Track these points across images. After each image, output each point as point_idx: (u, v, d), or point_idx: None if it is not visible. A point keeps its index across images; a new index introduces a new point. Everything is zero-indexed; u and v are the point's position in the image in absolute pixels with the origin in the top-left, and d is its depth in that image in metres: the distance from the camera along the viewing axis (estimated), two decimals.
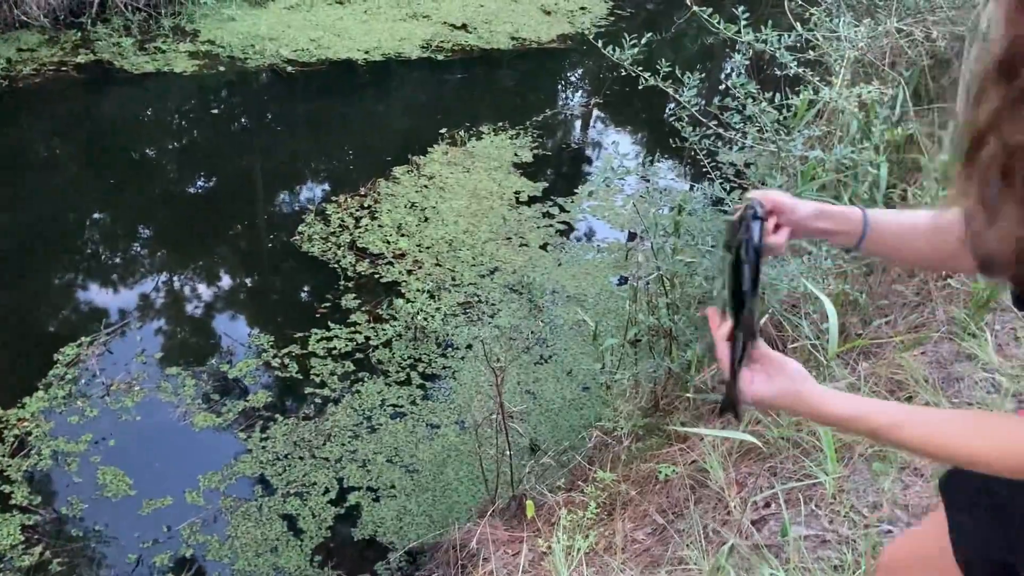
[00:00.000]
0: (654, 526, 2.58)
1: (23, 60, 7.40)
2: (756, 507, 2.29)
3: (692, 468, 2.67)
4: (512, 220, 5.93)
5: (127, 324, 4.75)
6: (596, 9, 9.91)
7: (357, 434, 4.10)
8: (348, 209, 5.91)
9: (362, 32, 8.56)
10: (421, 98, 8.00)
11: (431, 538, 3.57)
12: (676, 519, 2.49)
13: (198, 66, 7.66)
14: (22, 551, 3.43)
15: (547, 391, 4.45)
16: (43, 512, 3.61)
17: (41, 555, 3.43)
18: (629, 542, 2.59)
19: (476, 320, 4.93)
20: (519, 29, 9.07)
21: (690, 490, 2.60)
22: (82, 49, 7.67)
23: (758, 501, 2.30)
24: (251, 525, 3.63)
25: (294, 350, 4.59)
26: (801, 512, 2.18)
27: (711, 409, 3.14)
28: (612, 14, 9.85)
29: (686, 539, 2.31)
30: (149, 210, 5.97)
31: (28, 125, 6.84)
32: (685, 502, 2.52)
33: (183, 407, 4.18)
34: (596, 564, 2.51)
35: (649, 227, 3.11)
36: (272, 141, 7.15)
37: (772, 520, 2.25)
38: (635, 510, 2.76)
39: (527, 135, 7.10)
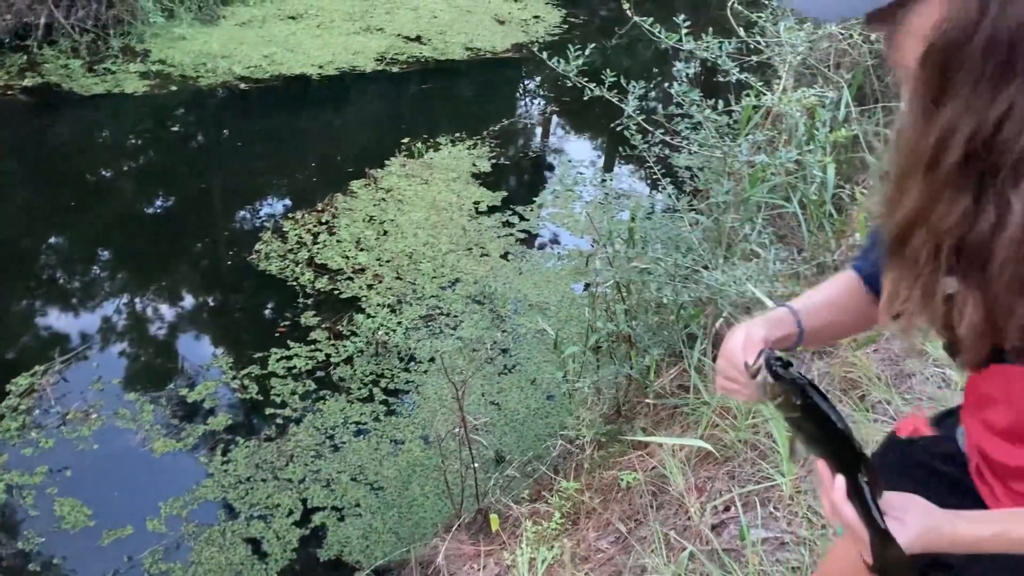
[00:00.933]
0: (617, 534, 2.58)
1: None
2: (716, 511, 2.30)
3: (652, 474, 2.68)
4: (472, 231, 5.93)
5: (83, 351, 4.67)
6: (549, 17, 9.96)
7: (320, 453, 4.06)
8: (306, 225, 5.87)
9: (316, 47, 8.52)
10: (377, 111, 7.99)
11: (398, 556, 3.55)
12: (638, 527, 2.50)
13: (149, 86, 7.58)
14: None
15: (511, 401, 4.44)
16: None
17: None
18: (593, 551, 2.59)
19: (438, 333, 4.91)
20: (473, 39, 9.08)
21: (651, 496, 2.60)
22: (29, 72, 7.56)
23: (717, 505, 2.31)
24: (215, 550, 3.58)
25: (254, 371, 4.54)
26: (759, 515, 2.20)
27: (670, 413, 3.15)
28: (565, 22, 9.91)
29: (648, 547, 2.31)
30: (105, 232, 5.89)
31: None
32: (646, 509, 2.52)
33: (142, 433, 4.12)
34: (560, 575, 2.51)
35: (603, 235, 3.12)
36: (228, 159, 7.09)
37: (731, 524, 2.26)
38: (598, 519, 2.76)
39: (485, 145, 7.10)
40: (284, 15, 9.16)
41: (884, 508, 1.02)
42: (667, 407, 3.16)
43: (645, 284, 3.16)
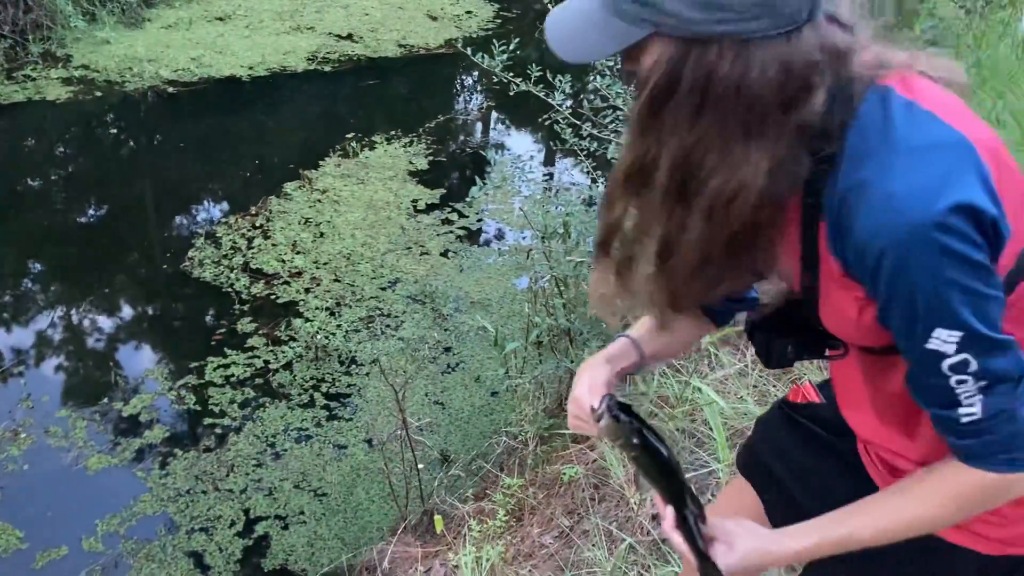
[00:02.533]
0: (560, 530, 2.57)
1: None
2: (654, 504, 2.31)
3: (594, 467, 2.68)
4: (411, 229, 5.88)
5: (11, 367, 4.52)
6: (482, 13, 9.93)
7: (261, 462, 3.99)
8: (240, 230, 5.76)
9: (245, 47, 8.37)
10: (310, 111, 7.88)
11: (344, 561, 3.50)
12: (580, 521, 2.50)
13: (73, 92, 7.37)
14: None
15: (456, 400, 4.42)
16: None
17: None
18: (537, 547, 2.58)
19: (379, 334, 4.86)
20: (406, 36, 9.01)
21: (593, 489, 2.60)
22: None
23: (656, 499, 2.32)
24: (155, 567, 3.50)
25: (190, 380, 4.45)
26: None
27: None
28: (498, 16, 9.88)
29: (589, 541, 2.31)
30: (33, 244, 5.71)
31: None
32: (588, 503, 2.52)
33: (75, 451, 4.00)
34: (506, 573, 2.50)
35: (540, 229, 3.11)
36: (159, 164, 6.93)
37: None
38: (542, 515, 2.76)
39: (421, 142, 7.06)
40: (211, 16, 8.98)
41: (714, 533, 1.13)
42: None
43: (582, 277, 3.17)
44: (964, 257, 0.87)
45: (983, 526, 1.10)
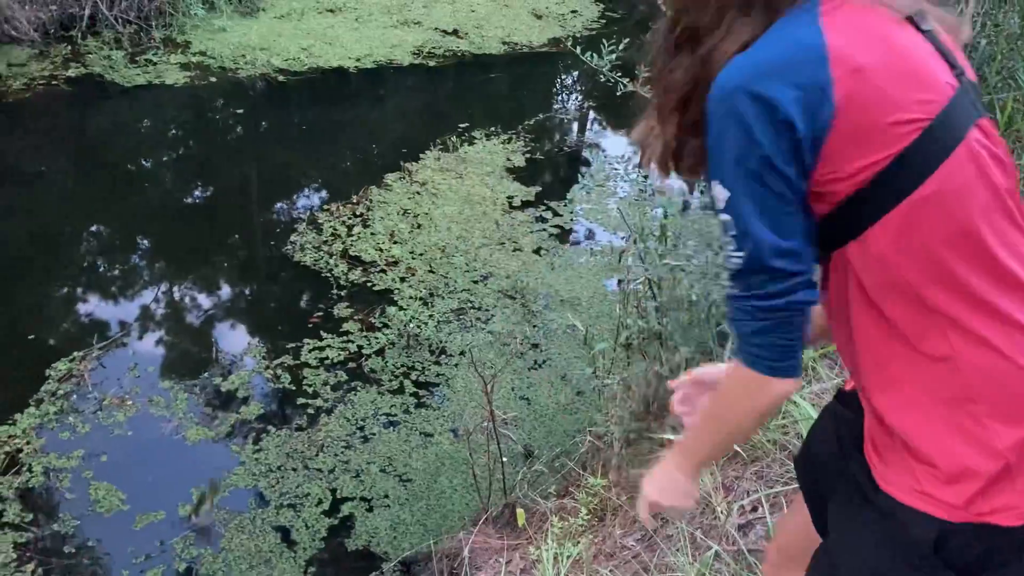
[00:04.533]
0: (643, 532, 2.56)
1: (13, 75, 7.41)
2: (743, 511, 2.29)
3: None
4: (505, 225, 5.93)
5: (120, 338, 4.74)
6: (587, 12, 9.92)
7: (350, 444, 4.09)
8: (340, 217, 5.91)
9: (353, 40, 8.56)
10: (413, 104, 8.01)
11: (425, 547, 3.56)
12: (664, 525, 2.48)
13: (190, 77, 7.67)
14: (14, 569, 3.43)
15: (541, 396, 4.44)
16: (35, 529, 3.61)
17: (33, 572, 3.42)
18: (619, 548, 2.58)
19: (469, 326, 4.92)
20: (510, 33, 9.07)
21: None
22: (73, 63, 7.68)
23: (744, 505, 2.29)
24: (244, 537, 3.62)
25: (287, 360, 4.59)
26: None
27: None
28: (603, 17, 9.86)
29: (673, 545, 2.30)
30: (143, 222, 5.97)
31: (20, 140, 6.84)
32: None
33: (176, 421, 4.18)
34: (585, 571, 2.50)
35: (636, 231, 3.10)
36: (265, 150, 7.16)
37: (758, 525, 2.24)
38: (625, 516, 2.75)
39: (520, 139, 7.10)
40: (323, 8, 9.22)
41: None
42: None
43: (677, 281, 3.14)
44: (746, 129, 1.02)
45: (929, 483, 1.08)
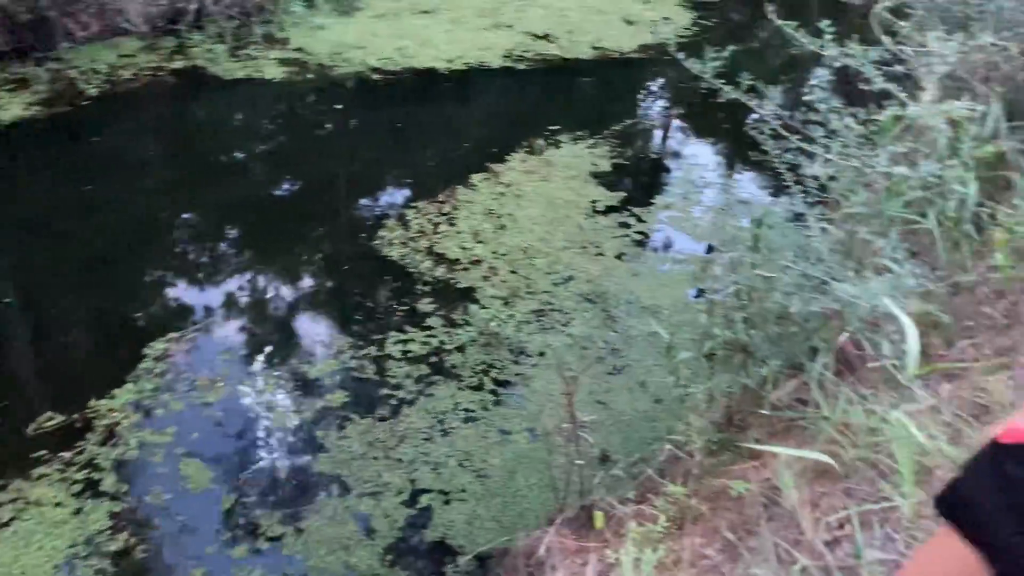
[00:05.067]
0: (724, 543, 2.55)
1: (123, 65, 7.73)
2: (829, 528, 2.25)
3: (765, 486, 2.63)
4: (588, 229, 5.94)
5: (212, 322, 4.91)
6: (679, 19, 9.86)
7: (430, 437, 4.16)
8: (427, 215, 6.00)
9: (446, 41, 8.69)
10: (501, 107, 8.08)
11: (500, 543, 3.60)
12: (747, 537, 2.46)
13: (287, 73, 7.88)
14: (109, 536, 3.58)
15: (619, 402, 4.44)
16: (129, 500, 3.76)
17: (126, 542, 3.57)
18: (698, 558, 2.57)
19: (549, 328, 4.95)
20: (601, 39, 9.08)
21: (762, 508, 2.56)
22: (178, 55, 7.98)
23: (831, 522, 2.26)
24: (325, 523, 3.71)
25: (371, 352, 4.68)
26: (876, 535, 2.14)
27: (786, 426, 3.09)
28: (695, 24, 9.79)
29: (757, 557, 2.28)
30: (235, 212, 6.16)
31: (125, 128, 7.14)
32: (757, 520, 2.49)
33: (263, 404, 4.30)
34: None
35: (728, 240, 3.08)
36: (356, 147, 7.32)
37: (846, 542, 2.21)
38: (705, 526, 2.74)
39: (606, 144, 7.10)
40: (418, 9, 9.38)
41: None
42: (782, 419, 3.09)
43: (767, 292, 3.11)
44: None
45: None
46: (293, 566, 3.53)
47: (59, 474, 3.85)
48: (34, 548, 3.50)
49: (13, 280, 5.21)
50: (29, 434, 4.05)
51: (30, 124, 6.85)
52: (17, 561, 3.44)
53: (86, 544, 3.54)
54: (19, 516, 3.64)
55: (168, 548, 3.59)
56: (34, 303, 5.00)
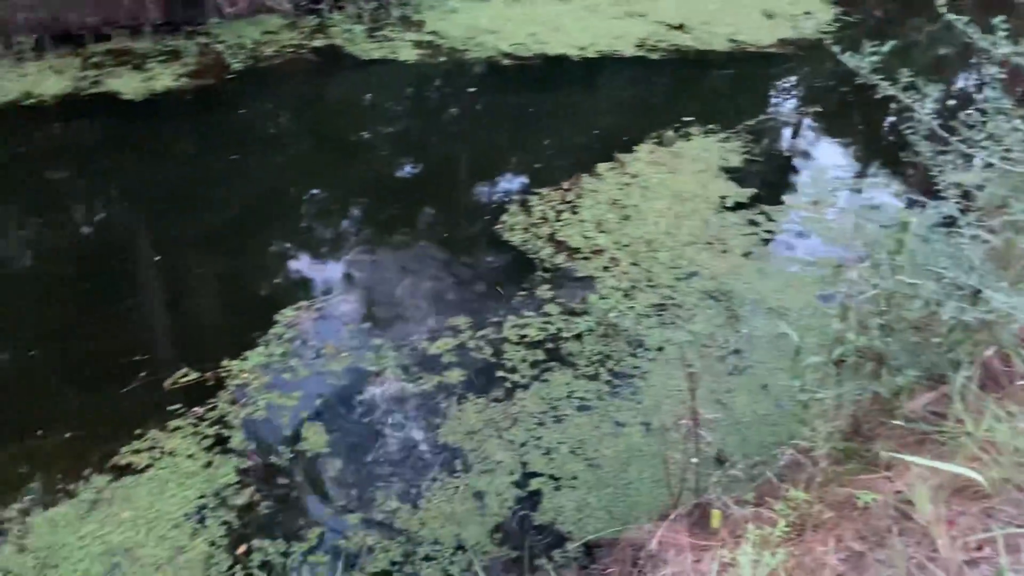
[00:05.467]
0: (849, 552, 2.46)
1: (266, 42, 8.03)
2: (967, 548, 2.15)
3: (896, 498, 2.53)
4: (715, 225, 5.82)
5: (339, 294, 5.06)
6: (821, 14, 9.53)
7: (543, 422, 4.17)
8: (550, 202, 6.01)
9: (579, 29, 8.66)
10: (631, 96, 8.00)
11: (609, 534, 3.58)
12: (875, 548, 2.37)
13: (420, 55, 8.02)
14: (235, 491, 3.75)
15: (739, 403, 4.35)
16: (256, 458, 3.92)
17: (251, 497, 3.72)
18: (821, 565, 2.49)
19: (670, 323, 4.88)
20: (738, 31, 8.87)
21: (891, 521, 2.46)
22: (318, 34, 8.23)
23: (970, 542, 2.15)
24: (443, 499, 3.76)
25: (489, 334, 4.73)
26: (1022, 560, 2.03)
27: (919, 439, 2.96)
28: (838, 20, 9.44)
29: (885, 569, 2.19)
30: (364, 189, 6.32)
31: (262, 103, 7.41)
32: (885, 532, 2.39)
33: (383, 375, 4.41)
34: None
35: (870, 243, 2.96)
36: (482, 131, 7.38)
37: (985, 564, 2.10)
38: (828, 533, 2.65)
39: (738, 139, 6.94)
40: None
41: None
42: (916, 432, 2.96)
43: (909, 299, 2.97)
44: None
45: None
46: (406, 535, 3.60)
47: (192, 428, 4.05)
48: (167, 495, 3.70)
49: (159, 241, 5.49)
50: (166, 388, 4.27)
51: (178, 94, 7.20)
52: (152, 506, 3.64)
53: (214, 496, 3.71)
54: (155, 464, 3.85)
55: (289, 507, 3.72)
56: (177, 265, 5.26)
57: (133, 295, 5.00)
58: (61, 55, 7.60)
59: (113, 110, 6.91)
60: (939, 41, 9.16)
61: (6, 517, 3.58)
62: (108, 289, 5.01)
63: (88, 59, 7.58)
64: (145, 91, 7.14)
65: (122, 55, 7.69)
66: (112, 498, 3.68)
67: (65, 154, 6.44)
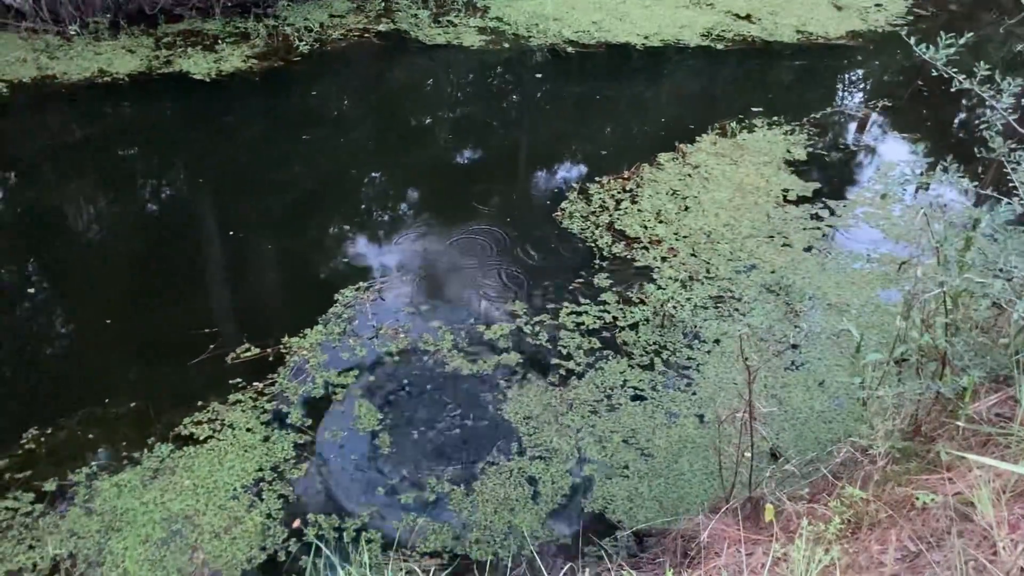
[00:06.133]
0: (905, 552, 2.43)
1: (333, 25, 8.13)
2: None
3: (956, 500, 2.49)
4: (777, 218, 5.75)
5: (398, 276, 5.12)
6: (892, 7, 9.32)
7: (596, 410, 4.18)
8: (610, 191, 5.99)
9: (643, 17, 8.59)
10: (694, 86, 7.92)
11: (660, 523, 3.58)
12: (932, 548, 2.34)
13: (484, 41, 8.04)
14: (292, 465, 3.83)
15: (795, 399, 4.30)
16: (312, 433, 4.00)
17: (307, 472, 3.81)
18: (876, 564, 2.46)
19: (727, 316, 4.84)
20: (806, 23, 8.72)
21: (950, 522, 2.42)
22: (384, 18, 8.30)
23: None
24: (496, 482, 3.80)
25: (545, 319, 4.75)
26: None
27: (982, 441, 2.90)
28: (910, 12, 9.22)
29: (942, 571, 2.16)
30: (426, 173, 6.37)
31: (327, 85, 7.51)
32: (944, 533, 2.35)
33: (440, 356, 4.46)
34: None
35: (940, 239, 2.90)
36: (543, 118, 7.38)
37: None
38: (884, 532, 2.62)
39: (802, 132, 6.84)
40: None
41: None
42: (979, 434, 2.90)
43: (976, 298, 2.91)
44: None
45: None
46: (460, 520, 3.65)
47: (252, 402, 4.15)
48: (227, 467, 3.80)
49: (225, 220, 5.61)
50: (228, 363, 4.38)
51: (247, 75, 7.33)
52: (212, 476, 3.74)
53: (272, 470, 3.80)
54: (216, 435, 3.95)
55: (343, 484, 3.79)
56: (241, 243, 5.38)
57: (199, 272, 5.13)
58: (134, 35, 7.78)
59: (183, 90, 7.07)
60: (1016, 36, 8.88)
61: (74, 481, 3.71)
62: (175, 266, 5.14)
63: (160, 39, 7.75)
64: (215, 72, 7.29)
65: (193, 36, 7.86)
66: (174, 467, 3.79)
67: (136, 132, 6.61)
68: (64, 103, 6.86)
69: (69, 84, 7.01)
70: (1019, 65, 8.41)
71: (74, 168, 6.15)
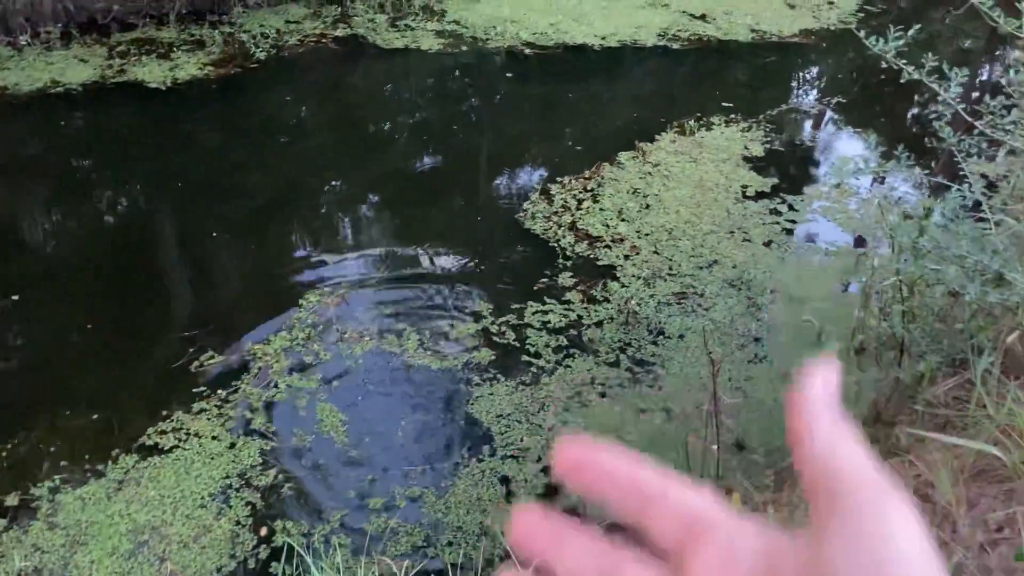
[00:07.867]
0: None
1: (289, 31, 8.09)
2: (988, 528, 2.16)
3: (917, 482, 2.55)
4: (736, 214, 5.82)
5: (362, 281, 5.11)
6: (844, 4, 9.48)
7: (568, 407, 4.20)
8: (572, 190, 6.03)
9: (600, 18, 8.66)
10: (652, 86, 8.00)
11: None
12: None
13: (442, 44, 8.05)
14: (259, 472, 3.81)
15: (759, 390, 4.36)
16: (277, 440, 3.98)
17: (275, 478, 3.78)
18: None
19: (690, 312, 4.89)
20: (760, 21, 8.84)
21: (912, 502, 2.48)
22: (341, 24, 8.28)
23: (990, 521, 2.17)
24: (469, 484, 3.80)
25: (511, 320, 4.76)
26: None
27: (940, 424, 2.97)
28: (861, 10, 9.40)
29: None
30: (386, 178, 6.36)
31: (285, 92, 7.47)
32: None
33: (404, 358, 4.46)
34: None
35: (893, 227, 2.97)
36: (504, 120, 7.41)
37: (1005, 545, 2.12)
38: None
39: (759, 129, 6.93)
40: None
41: None
42: (937, 417, 2.97)
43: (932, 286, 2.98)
44: None
45: None
46: (429, 520, 3.65)
47: (216, 410, 4.11)
48: (193, 475, 3.76)
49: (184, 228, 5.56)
50: (192, 370, 4.34)
51: (203, 83, 7.27)
52: (178, 485, 3.71)
53: (239, 477, 3.77)
54: (181, 445, 3.91)
55: (312, 489, 3.77)
56: (201, 251, 5.33)
57: (160, 282, 5.08)
58: (87, 44, 7.68)
59: (139, 98, 6.99)
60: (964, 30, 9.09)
61: (37, 495, 3.66)
62: (135, 276, 5.08)
63: (114, 48, 7.66)
64: (170, 80, 7.22)
65: (147, 44, 7.77)
66: (139, 478, 3.75)
67: (92, 142, 6.53)
68: (17, 114, 6.75)
69: (21, 95, 6.90)
70: (969, 57, 8.61)
71: (30, 179, 6.05)
